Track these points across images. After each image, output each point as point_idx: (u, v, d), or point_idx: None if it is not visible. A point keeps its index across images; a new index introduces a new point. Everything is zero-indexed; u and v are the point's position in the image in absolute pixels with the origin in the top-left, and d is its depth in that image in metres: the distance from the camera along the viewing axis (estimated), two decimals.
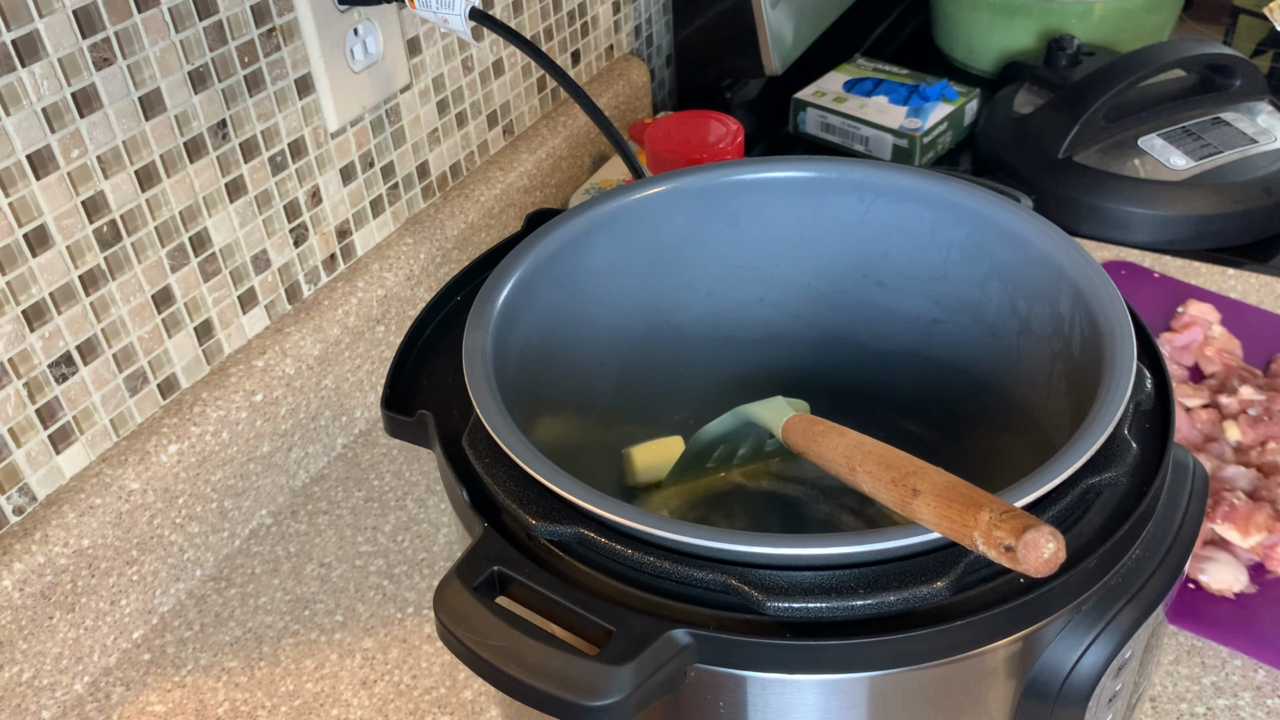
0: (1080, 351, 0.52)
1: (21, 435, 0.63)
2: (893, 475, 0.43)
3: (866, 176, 0.60)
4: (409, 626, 0.70)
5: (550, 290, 0.57)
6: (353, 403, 0.84)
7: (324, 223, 0.80)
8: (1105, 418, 0.44)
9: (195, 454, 0.71)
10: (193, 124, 0.68)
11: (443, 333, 0.56)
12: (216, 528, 0.74)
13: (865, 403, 0.63)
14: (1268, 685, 0.62)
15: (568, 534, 0.44)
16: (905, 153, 1.08)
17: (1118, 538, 0.43)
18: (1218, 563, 0.66)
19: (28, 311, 0.62)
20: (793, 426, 0.53)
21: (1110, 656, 0.43)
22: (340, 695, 0.66)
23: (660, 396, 0.65)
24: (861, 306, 0.63)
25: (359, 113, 0.80)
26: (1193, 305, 0.84)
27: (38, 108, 0.59)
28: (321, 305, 0.80)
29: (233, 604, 0.72)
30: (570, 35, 1.02)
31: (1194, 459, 0.49)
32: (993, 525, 0.37)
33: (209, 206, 0.71)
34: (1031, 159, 1.01)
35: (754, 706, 0.43)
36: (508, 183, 0.95)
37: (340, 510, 0.78)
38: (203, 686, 0.67)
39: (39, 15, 0.58)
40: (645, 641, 0.39)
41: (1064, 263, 0.53)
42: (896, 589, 0.40)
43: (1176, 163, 0.97)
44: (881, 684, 0.43)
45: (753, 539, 0.41)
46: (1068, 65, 1.09)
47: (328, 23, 0.74)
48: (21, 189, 0.60)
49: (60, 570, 0.64)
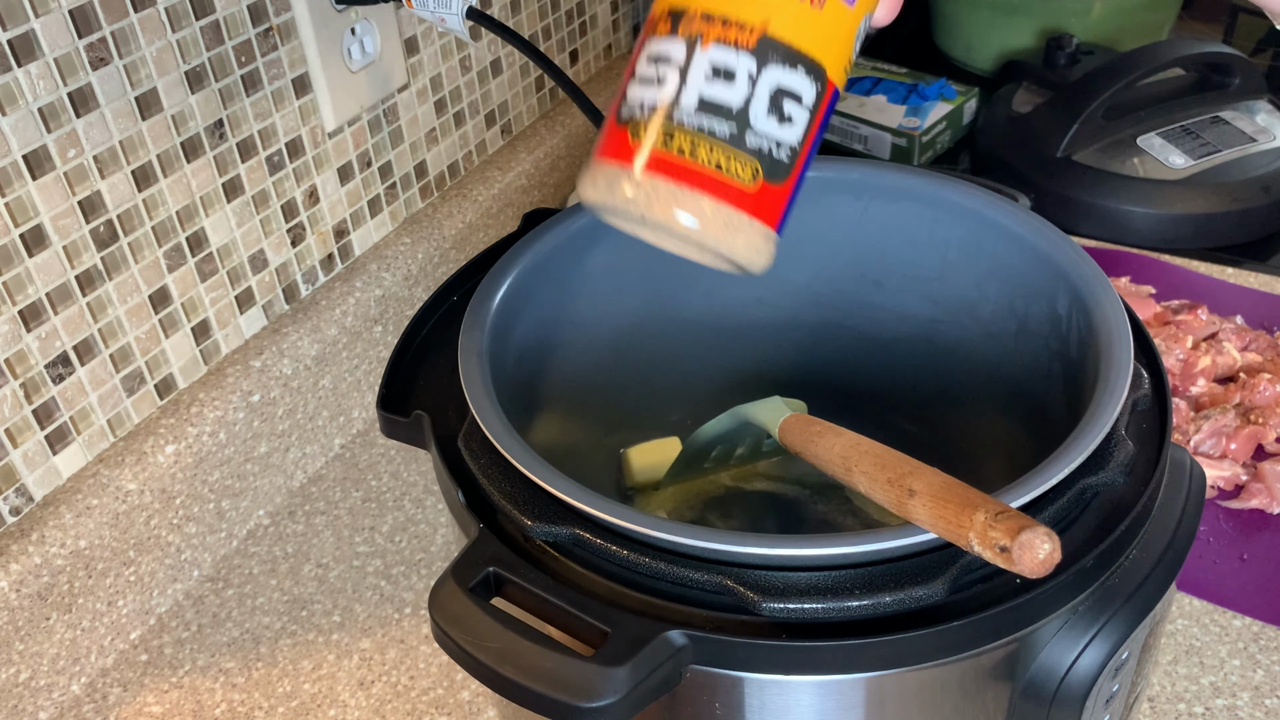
0: (1077, 351, 0.51)
1: (18, 436, 0.63)
2: (889, 476, 0.43)
3: (864, 176, 0.60)
4: (406, 627, 0.70)
5: (547, 290, 0.57)
6: (350, 403, 0.83)
7: (321, 223, 0.80)
8: (1102, 417, 0.44)
9: (192, 454, 0.71)
10: (189, 124, 0.68)
11: (439, 333, 0.56)
12: (214, 528, 0.74)
13: (862, 402, 0.63)
14: (1266, 685, 0.62)
15: (563, 535, 0.44)
16: (904, 152, 1.07)
17: (1114, 538, 0.43)
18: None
19: (24, 312, 0.61)
20: (790, 427, 0.53)
21: (1107, 657, 0.43)
22: (338, 696, 0.66)
23: (657, 397, 0.65)
24: (859, 306, 0.63)
25: (356, 112, 0.80)
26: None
27: (34, 108, 0.59)
28: (319, 305, 0.80)
29: (230, 605, 0.72)
30: (568, 34, 1.02)
31: (1191, 459, 0.48)
32: (988, 526, 0.37)
33: (206, 206, 0.70)
34: (1030, 158, 1.01)
35: (750, 707, 0.43)
36: (506, 182, 0.95)
37: (338, 511, 0.78)
38: (200, 687, 0.67)
39: (35, 15, 0.58)
40: (641, 643, 0.39)
41: (1062, 262, 0.53)
42: (892, 590, 0.40)
43: (1175, 161, 0.97)
44: (878, 685, 0.43)
45: (748, 540, 0.41)
46: (1067, 64, 1.08)
47: (325, 22, 0.74)
48: (18, 189, 0.59)
49: (57, 571, 0.64)
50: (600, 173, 0.40)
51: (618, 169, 0.39)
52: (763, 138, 0.39)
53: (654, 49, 0.40)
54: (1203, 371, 0.79)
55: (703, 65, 0.39)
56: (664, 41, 0.39)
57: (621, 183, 0.39)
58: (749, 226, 0.39)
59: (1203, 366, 0.79)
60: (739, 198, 0.39)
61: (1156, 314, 0.85)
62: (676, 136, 0.39)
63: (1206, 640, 0.65)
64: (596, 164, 0.41)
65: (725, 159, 0.39)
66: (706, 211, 0.39)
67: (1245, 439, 0.74)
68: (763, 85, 0.39)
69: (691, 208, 0.39)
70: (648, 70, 0.40)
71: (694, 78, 0.39)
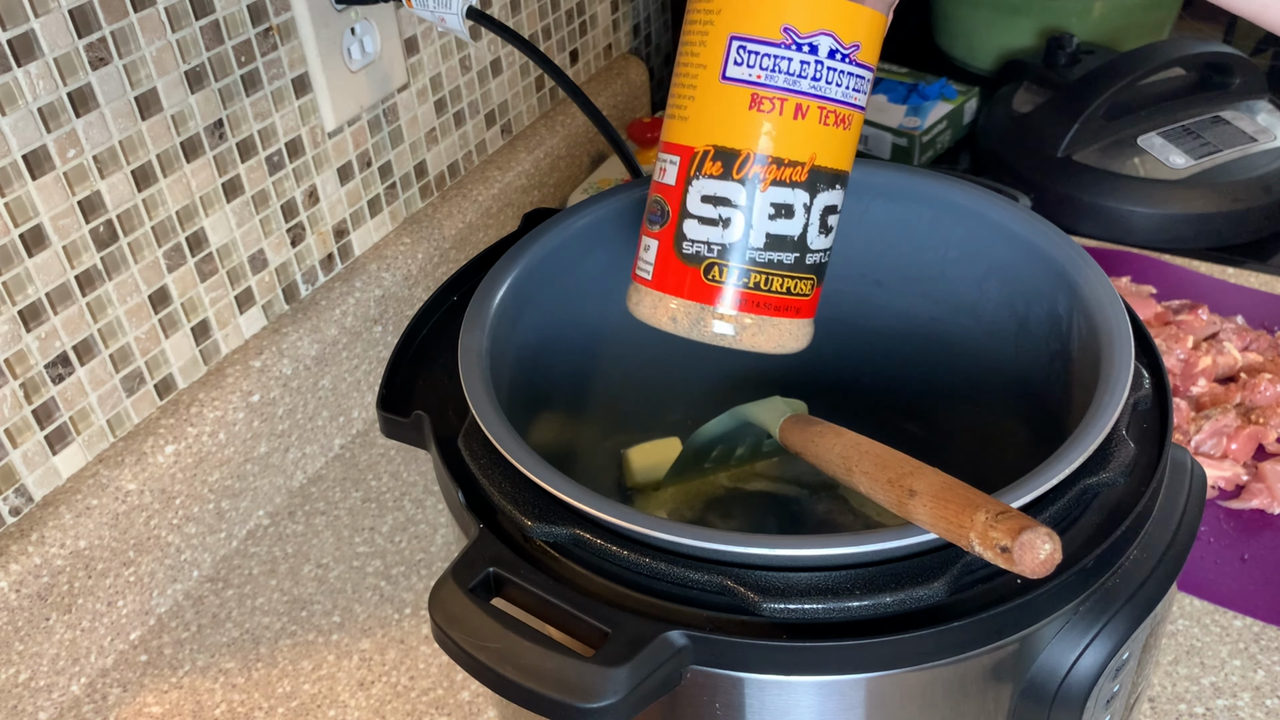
0: (1078, 351, 0.51)
1: (18, 436, 0.63)
2: (889, 476, 0.43)
3: (864, 176, 0.60)
4: (406, 627, 0.70)
5: (547, 290, 0.57)
6: (350, 403, 0.83)
7: (321, 222, 0.80)
8: (1103, 417, 0.44)
9: (192, 455, 0.71)
10: (189, 124, 0.68)
11: (439, 333, 0.56)
12: (214, 529, 0.74)
13: (862, 402, 0.63)
14: (1266, 685, 0.62)
15: (563, 535, 0.44)
16: (904, 151, 1.07)
17: (1115, 538, 0.43)
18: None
19: (24, 312, 0.61)
20: (790, 427, 0.53)
21: (1108, 658, 0.43)
22: (337, 696, 0.66)
23: (657, 396, 0.65)
24: (859, 305, 0.63)
25: (356, 112, 0.79)
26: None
27: (33, 107, 0.59)
28: (319, 305, 0.80)
29: (230, 605, 0.72)
30: (568, 34, 1.02)
31: (1192, 459, 0.48)
32: (989, 526, 0.37)
33: (206, 206, 0.70)
34: (1031, 158, 1.01)
35: (751, 708, 0.43)
36: (506, 182, 0.95)
37: (338, 511, 0.78)
38: (200, 688, 0.67)
39: (34, 15, 0.58)
40: (641, 643, 0.39)
41: (1062, 262, 0.53)
42: (893, 590, 0.40)
43: (1176, 161, 0.97)
44: (878, 685, 0.42)
45: (748, 540, 0.41)
46: (1067, 64, 1.08)
47: (325, 22, 0.74)
48: (17, 189, 0.59)
49: (57, 571, 0.64)
50: (673, 305, 0.45)
51: (698, 306, 0.44)
52: (815, 254, 0.45)
53: (708, 189, 0.43)
54: (1203, 371, 0.79)
55: (764, 206, 0.43)
56: (719, 183, 0.43)
57: (705, 318, 0.44)
58: (805, 327, 0.46)
59: (1203, 366, 0.79)
60: (803, 310, 0.46)
61: (1157, 314, 0.85)
62: (752, 275, 0.44)
63: (1207, 640, 0.65)
64: (664, 297, 0.45)
65: (794, 283, 0.45)
66: (782, 330, 0.45)
67: (1246, 439, 0.74)
68: (815, 211, 0.44)
69: (771, 331, 0.45)
70: (706, 210, 0.44)
71: (758, 218, 0.43)
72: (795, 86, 0.42)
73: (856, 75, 0.42)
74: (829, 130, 0.43)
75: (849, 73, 0.42)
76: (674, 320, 0.45)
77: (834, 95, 0.42)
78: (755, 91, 0.42)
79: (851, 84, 0.42)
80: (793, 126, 0.42)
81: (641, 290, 0.46)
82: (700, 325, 0.44)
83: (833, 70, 0.42)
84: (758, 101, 0.42)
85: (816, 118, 0.42)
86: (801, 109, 0.42)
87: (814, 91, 0.42)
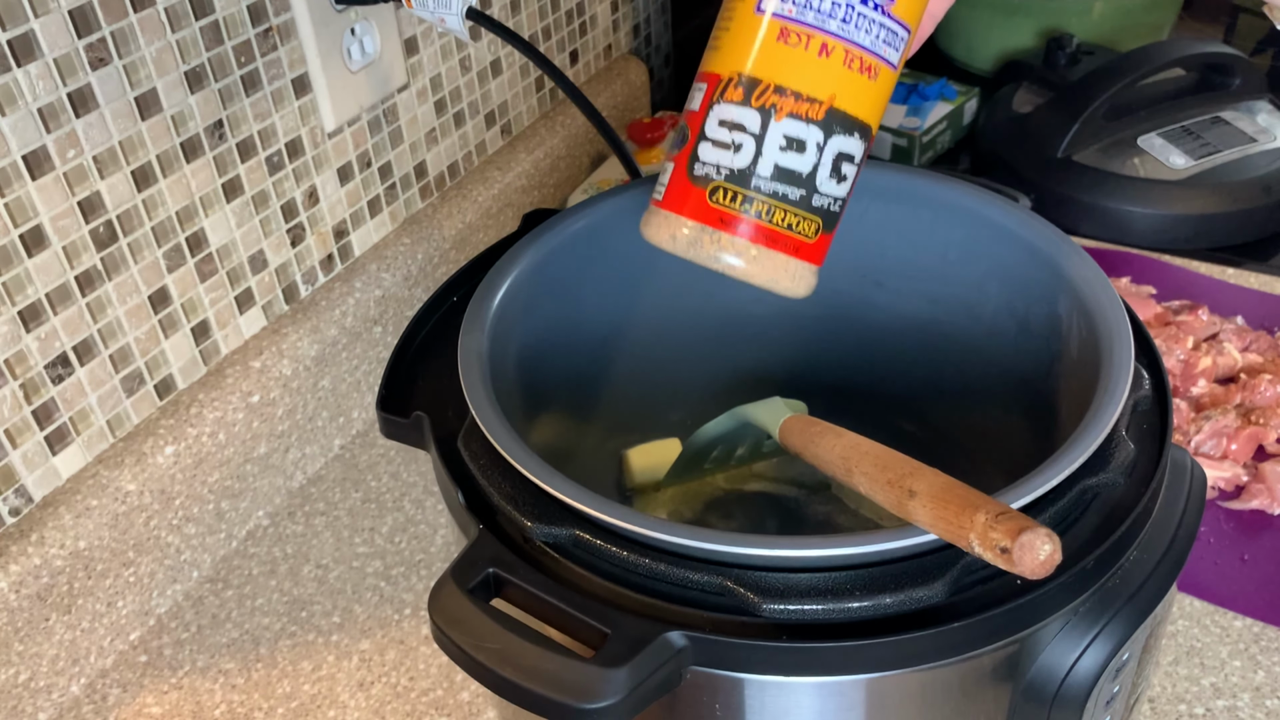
0: (1078, 352, 0.51)
1: (18, 436, 0.63)
2: (889, 476, 0.43)
3: (864, 176, 0.59)
4: (406, 628, 0.70)
5: (547, 290, 0.57)
6: (350, 403, 0.83)
7: (321, 223, 0.80)
8: (1103, 418, 0.44)
9: (192, 455, 0.71)
10: (189, 124, 0.68)
11: (439, 333, 0.56)
12: (213, 529, 0.74)
13: (862, 403, 0.63)
14: (1267, 686, 0.62)
15: (563, 536, 0.44)
16: (904, 152, 1.07)
17: (1115, 539, 0.43)
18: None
19: (24, 312, 0.61)
20: (790, 427, 0.53)
21: (1108, 659, 0.43)
22: (337, 697, 0.66)
23: (657, 397, 0.65)
24: (859, 306, 0.63)
25: (356, 112, 0.79)
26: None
27: (33, 108, 0.59)
28: (319, 306, 0.80)
29: (230, 605, 0.72)
30: (568, 34, 1.02)
31: (1192, 459, 0.48)
32: (989, 527, 0.37)
33: (206, 207, 0.70)
34: (1030, 158, 1.01)
35: (750, 709, 0.43)
36: (506, 183, 0.95)
37: (338, 511, 0.78)
38: (200, 688, 0.67)
39: (34, 15, 0.58)
40: (641, 644, 0.39)
41: (1062, 263, 0.53)
42: (893, 591, 0.40)
43: (1176, 162, 0.97)
44: (878, 686, 0.42)
45: (747, 540, 0.41)
46: (1067, 64, 1.08)
47: (324, 22, 0.74)
48: (17, 189, 0.59)
49: (56, 572, 0.64)
50: (677, 224, 0.45)
51: (699, 226, 0.44)
52: (824, 197, 0.45)
53: (726, 114, 0.44)
54: (1203, 372, 0.79)
55: (777, 137, 0.43)
56: (737, 109, 0.44)
57: (704, 240, 0.44)
58: (806, 269, 0.46)
59: (1203, 367, 0.79)
60: (804, 251, 0.45)
61: (1157, 314, 0.85)
62: (755, 202, 0.44)
63: (1207, 641, 0.65)
64: (670, 216, 0.45)
65: (796, 220, 0.44)
66: (780, 265, 0.45)
67: (1246, 440, 0.74)
68: (828, 153, 0.44)
69: (768, 264, 0.45)
70: (721, 134, 0.44)
71: (769, 148, 0.43)
72: (824, 25, 0.42)
73: (888, 29, 0.43)
74: (853, 75, 0.43)
75: (880, 23, 0.43)
76: (674, 239, 0.45)
77: (861, 41, 0.43)
78: (785, 25, 0.43)
79: (882, 35, 0.43)
80: (816, 63, 0.43)
81: (651, 210, 0.46)
82: (697, 246, 0.44)
83: (863, 17, 0.42)
84: (785, 35, 0.43)
85: (841, 59, 0.43)
86: (827, 47, 0.43)
87: (841, 33, 0.42)
